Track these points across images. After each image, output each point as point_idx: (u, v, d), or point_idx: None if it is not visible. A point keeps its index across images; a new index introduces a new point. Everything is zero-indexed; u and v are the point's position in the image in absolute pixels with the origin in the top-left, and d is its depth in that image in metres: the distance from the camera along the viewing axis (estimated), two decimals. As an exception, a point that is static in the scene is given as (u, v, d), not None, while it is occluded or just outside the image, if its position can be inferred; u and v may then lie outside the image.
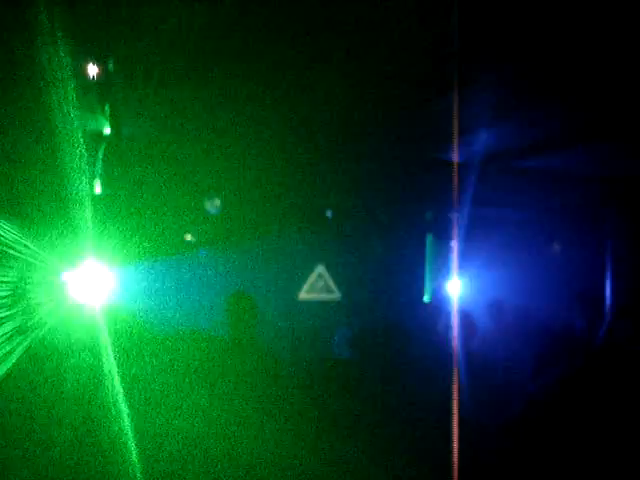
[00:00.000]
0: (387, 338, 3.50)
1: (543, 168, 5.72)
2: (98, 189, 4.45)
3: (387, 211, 6.92)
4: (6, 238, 3.14)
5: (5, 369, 2.97)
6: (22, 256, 3.25)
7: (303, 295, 7.74)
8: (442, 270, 7.24)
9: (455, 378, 3.90)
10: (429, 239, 7.41)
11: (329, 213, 7.32)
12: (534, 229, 7.72)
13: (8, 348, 3.05)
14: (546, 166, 5.68)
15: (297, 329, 6.40)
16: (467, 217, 6.33)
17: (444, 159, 5.39)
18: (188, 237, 6.33)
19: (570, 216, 7.42)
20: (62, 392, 2.99)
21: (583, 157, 5.49)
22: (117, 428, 2.97)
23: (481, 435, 3.27)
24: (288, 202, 6.72)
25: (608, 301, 6.78)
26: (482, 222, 7.09)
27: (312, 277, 7.93)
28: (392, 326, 3.86)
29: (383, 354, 3.17)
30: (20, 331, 3.18)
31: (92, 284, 3.63)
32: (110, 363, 3.15)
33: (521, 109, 4.37)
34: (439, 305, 6.36)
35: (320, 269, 7.99)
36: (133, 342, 3.36)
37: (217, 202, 5.97)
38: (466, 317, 4.69)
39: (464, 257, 6.90)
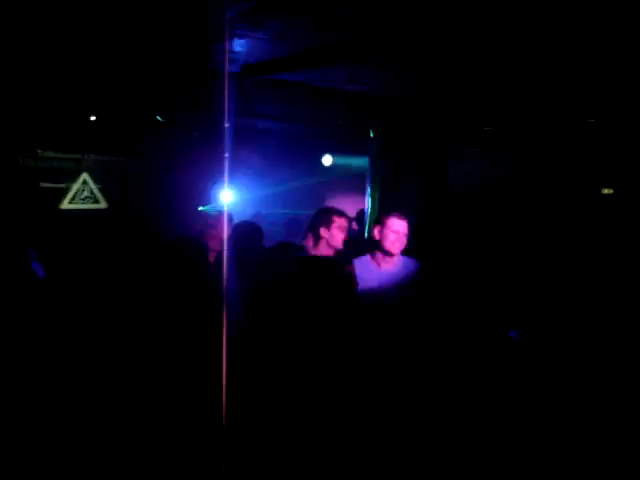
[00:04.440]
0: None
1: (302, 81, 5.83)
2: None
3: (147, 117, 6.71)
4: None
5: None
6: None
7: (65, 205, 7.35)
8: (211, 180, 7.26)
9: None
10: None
11: (93, 117, 6.93)
12: (304, 143, 8.00)
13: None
14: (305, 80, 5.79)
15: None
16: (230, 127, 6.33)
17: (202, 66, 5.28)
18: None
19: (337, 131, 7.77)
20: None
21: (341, 74, 5.67)
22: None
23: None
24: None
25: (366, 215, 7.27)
26: (247, 133, 7.17)
27: (76, 185, 7.54)
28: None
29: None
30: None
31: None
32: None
33: (274, 20, 4.36)
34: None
35: (84, 176, 7.61)
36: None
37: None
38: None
39: (231, 167, 6.94)
